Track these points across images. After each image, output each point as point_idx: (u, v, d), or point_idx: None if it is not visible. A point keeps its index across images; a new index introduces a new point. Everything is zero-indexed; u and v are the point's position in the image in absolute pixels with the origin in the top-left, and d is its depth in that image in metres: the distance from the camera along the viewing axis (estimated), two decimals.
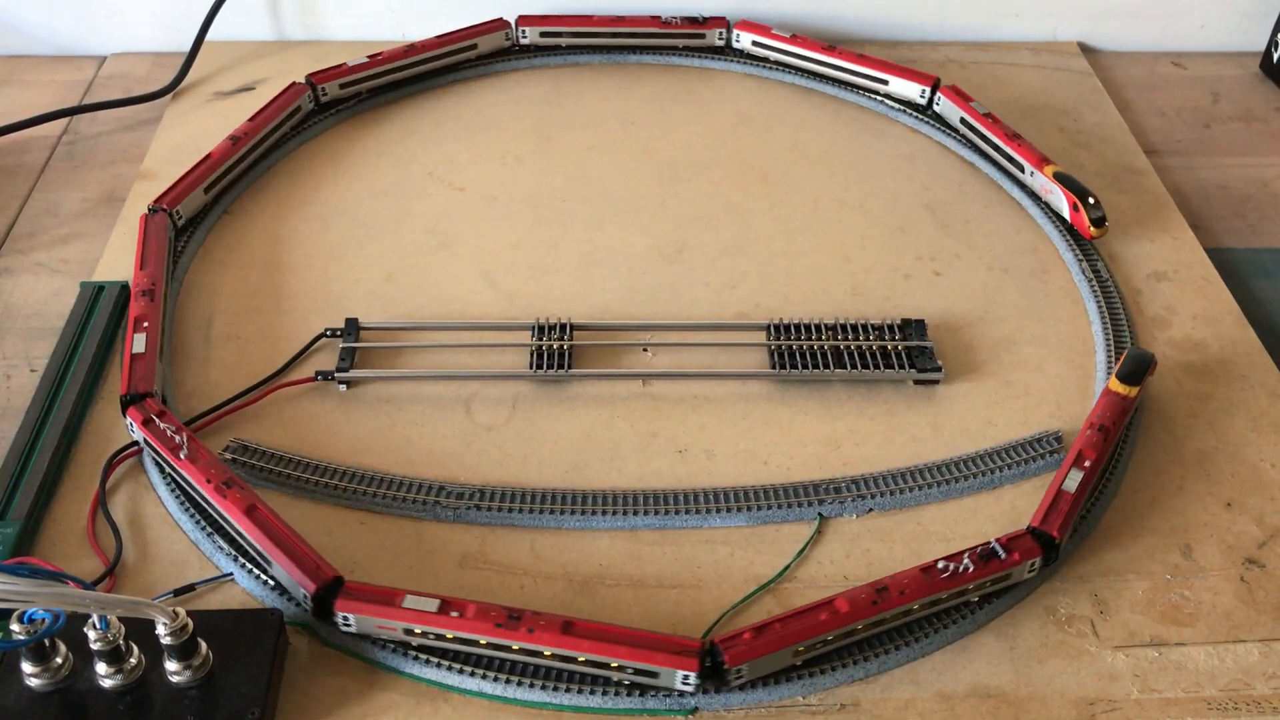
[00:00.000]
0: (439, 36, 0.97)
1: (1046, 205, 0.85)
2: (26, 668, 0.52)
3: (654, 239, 0.84)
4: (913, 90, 0.95)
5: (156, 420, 0.64)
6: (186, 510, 0.63)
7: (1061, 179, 0.83)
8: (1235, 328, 0.78)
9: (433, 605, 0.56)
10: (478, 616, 0.55)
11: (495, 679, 0.56)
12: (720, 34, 1.01)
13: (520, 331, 0.75)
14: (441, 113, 0.96)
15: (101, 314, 0.74)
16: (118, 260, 0.80)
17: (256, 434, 0.68)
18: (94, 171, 0.90)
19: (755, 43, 1.00)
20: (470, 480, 0.66)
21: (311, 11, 1.04)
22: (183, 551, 0.62)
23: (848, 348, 0.73)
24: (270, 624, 0.56)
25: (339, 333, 0.74)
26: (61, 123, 0.95)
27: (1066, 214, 0.82)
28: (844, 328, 0.75)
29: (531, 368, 0.72)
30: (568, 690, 0.55)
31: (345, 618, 0.56)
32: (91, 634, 0.51)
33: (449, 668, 0.56)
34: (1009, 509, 0.66)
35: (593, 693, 0.55)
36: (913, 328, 0.75)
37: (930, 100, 0.94)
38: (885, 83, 0.96)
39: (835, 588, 0.61)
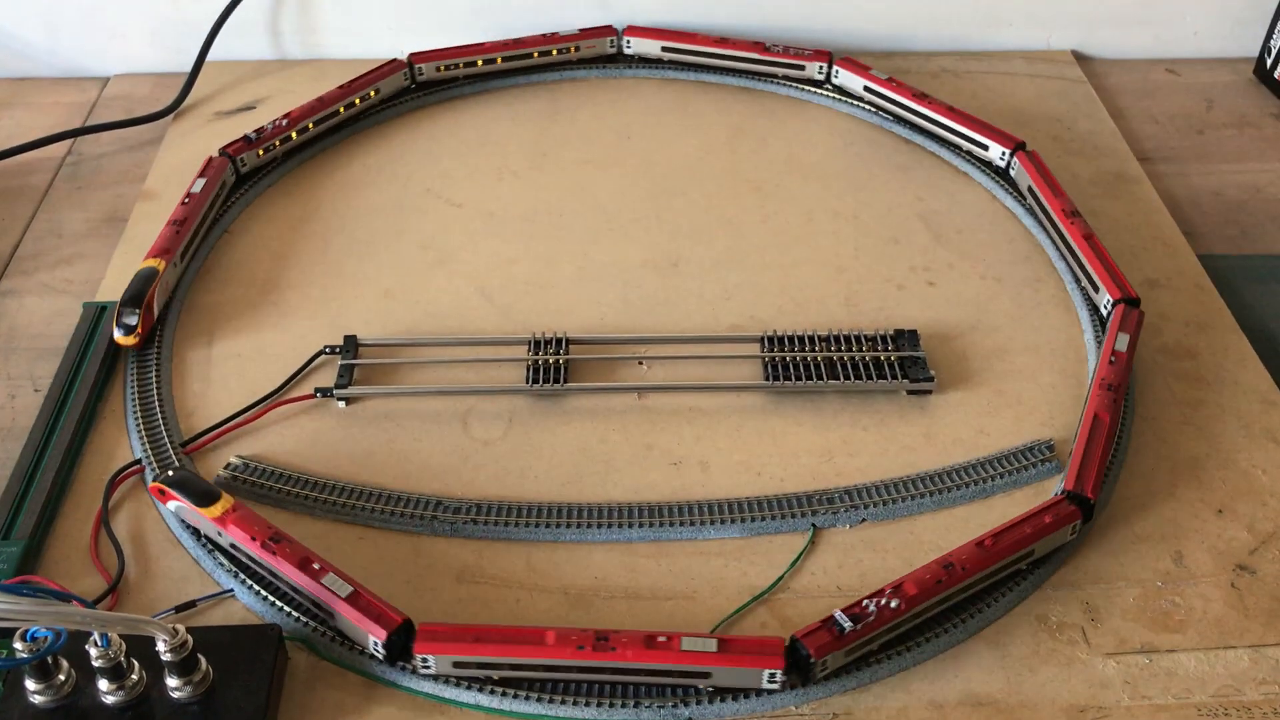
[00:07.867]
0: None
1: (1040, 213, 0.86)
2: (30, 685, 0.53)
3: (649, 252, 0.85)
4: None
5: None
6: (187, 528, 0.64)
7: None
8: (1228, 334, 0.79)
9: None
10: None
11: (490, 692, 0.56)
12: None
13: (516, 346, 0.76)
14: (438, 129, 0.97)
15: (104, 334, 0.75)
16: (120, 281, 0.81)
17: (257, 451, 0.69)
18: (97, 192, 0.91)
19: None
20: (467, 495, 0.67)
21: (311, 30, 1.05)
22: (184, 568, 0.63)
23: (841, 359, 0.74)
24: (269, 639, 0.57)
25: (338, 350, 0.75)
26: (65, 144, 0.96)
27: None
28: (837, 339, 0.75)
29: (528, 382, 0.73)
30: (563, 703, 0.56)
31: None
32: (93, 651, 0.52)
33: (445, 681, 0.57)
34: (1001, 518, 0.66)
35: (587, 705, 0.56)
36: (905, 338, 0.75)
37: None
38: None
39: (828, 598, 0.62)
